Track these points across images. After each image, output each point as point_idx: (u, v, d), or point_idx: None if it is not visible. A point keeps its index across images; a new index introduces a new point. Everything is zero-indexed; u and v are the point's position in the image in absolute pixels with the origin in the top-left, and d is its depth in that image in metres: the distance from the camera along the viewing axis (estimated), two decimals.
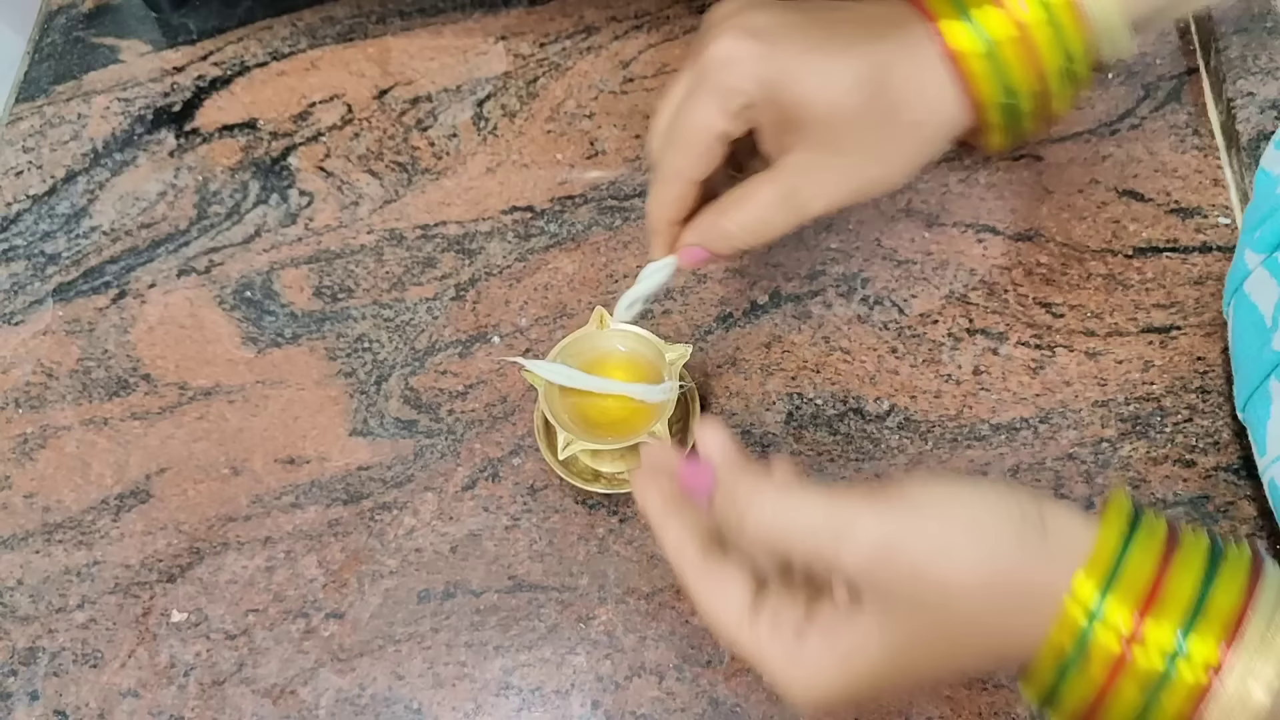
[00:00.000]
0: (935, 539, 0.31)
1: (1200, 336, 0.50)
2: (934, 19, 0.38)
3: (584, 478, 0.48)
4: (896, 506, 0.32)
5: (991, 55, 0.38)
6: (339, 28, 0.65)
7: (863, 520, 0.31)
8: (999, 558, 0.31)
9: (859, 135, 0.39)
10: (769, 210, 0.40)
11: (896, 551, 0.31)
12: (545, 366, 0.47)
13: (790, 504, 0.32)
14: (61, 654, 0.47)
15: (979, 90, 0.38)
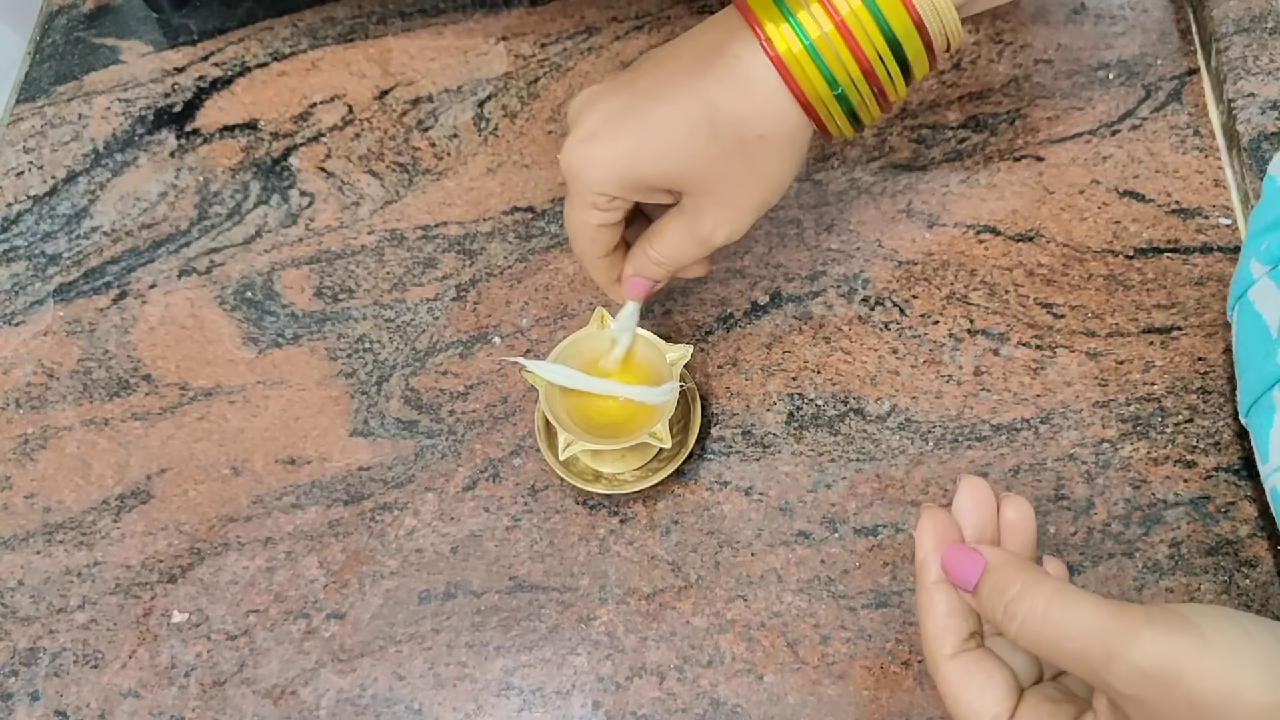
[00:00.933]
0: (1222, 673, 0.28)
1: (1201, 337, 0.50)
2: (759, 25, 0.39)
3: (585, 478, 0.48)
4: (1181, 630, 0.29)
5: (813, 51, 0.39)
6: (340, 28, 0.65)
7: (1142, 636, 0.29)
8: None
9: (719, 172, 0.41)
10: (680, 243, 0.44)
11: (1176, 677, 0.28)
12: (546, 367, 0.47)
13: (1066, 604, 0.30)
14: (62, 654, 0.47)
15: (807, 88, 0.39)
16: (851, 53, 0.39)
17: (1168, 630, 0.29)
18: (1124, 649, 0.29)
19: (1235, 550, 0.45)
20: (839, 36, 0.39)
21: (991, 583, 0.32)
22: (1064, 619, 0.30)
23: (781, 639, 0.45)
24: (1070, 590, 0.31)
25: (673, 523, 0.48)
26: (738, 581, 0.47)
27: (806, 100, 0.40)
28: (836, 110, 0.41)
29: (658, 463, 0.48)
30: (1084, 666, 0.30)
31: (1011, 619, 0.31)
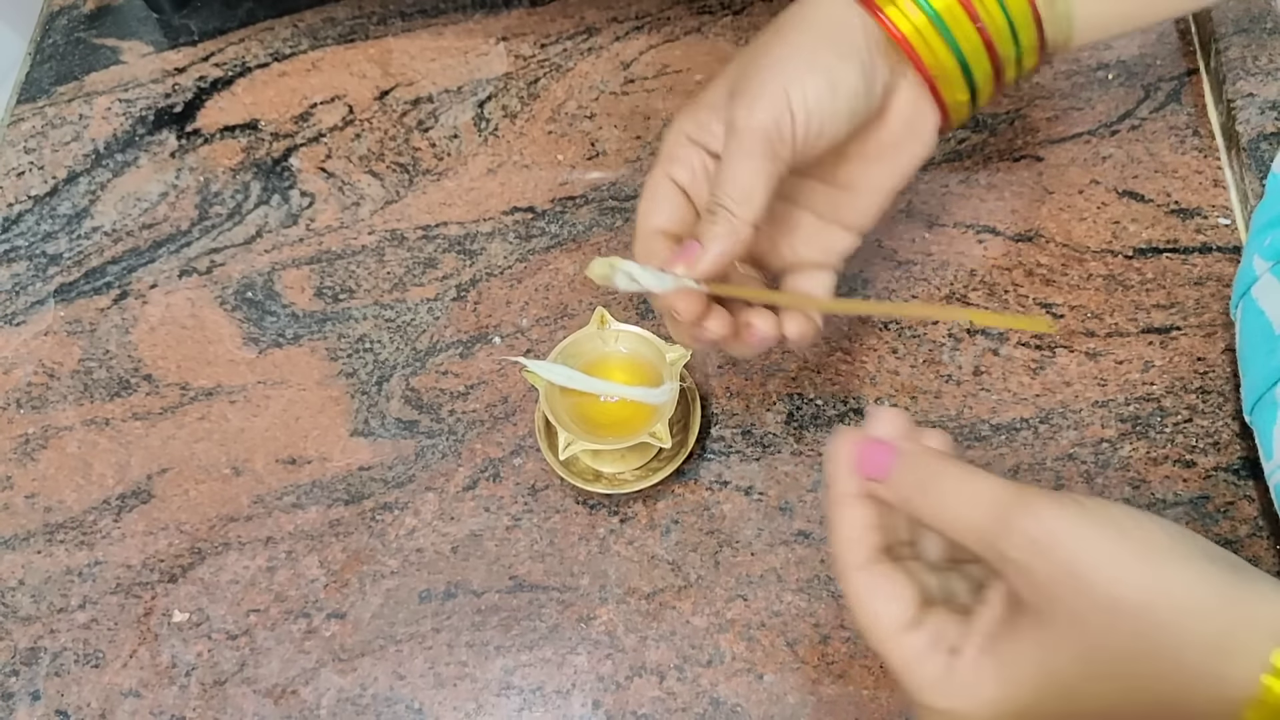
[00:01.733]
0: (1103, 546, 0.29)
1: (1200, 337, 0.50)
2: (878, 8, 0.40)
3: (585, 478, 0.48)
4: (1071, 505, 0.30)
5: (938, 20, 0.40)
6: (340, 29, 0.65)
7: (1034, 507, 0.30)
8: (1171, 585, 0.28)
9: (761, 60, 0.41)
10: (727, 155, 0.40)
11: (1059, 547, 0.29)
12: (546, 367, 0.47)
13: (971, 480, 0.32)
14: (63, 654, 0.47)
15: (930, 61, 0.40)
16: (972, 22, 0.40)
17: (1058, 504, 0.30)
18: (1018, 517, 0.30)
19: (1235, 550, 0.45)
20: (960, 7, 0.40)
21: (903, 467, 0.33)
22: (968, 493, 0.31)
23: (781, 638, 0.45)
24: (975, 470, 0.32)
25: (673, 522, 0.48)
26: (738, 581, 0.47)
27: (929, 74, 0.40)
28: (954, 70, 0.41)
29: (658, 462, 0.48)
30: (982, 538, 0.31)
31: (923, 495, 0.32)
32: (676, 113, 0.42)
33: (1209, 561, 0.29)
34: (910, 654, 0.32)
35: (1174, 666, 0.28)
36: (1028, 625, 0.30)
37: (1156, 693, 0.29)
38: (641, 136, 0.59)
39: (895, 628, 0.32)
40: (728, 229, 0.39)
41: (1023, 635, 0.30)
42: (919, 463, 0.33)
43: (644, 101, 0.61)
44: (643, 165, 0.58)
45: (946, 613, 0.33)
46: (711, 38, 0.62)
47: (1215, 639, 0.28)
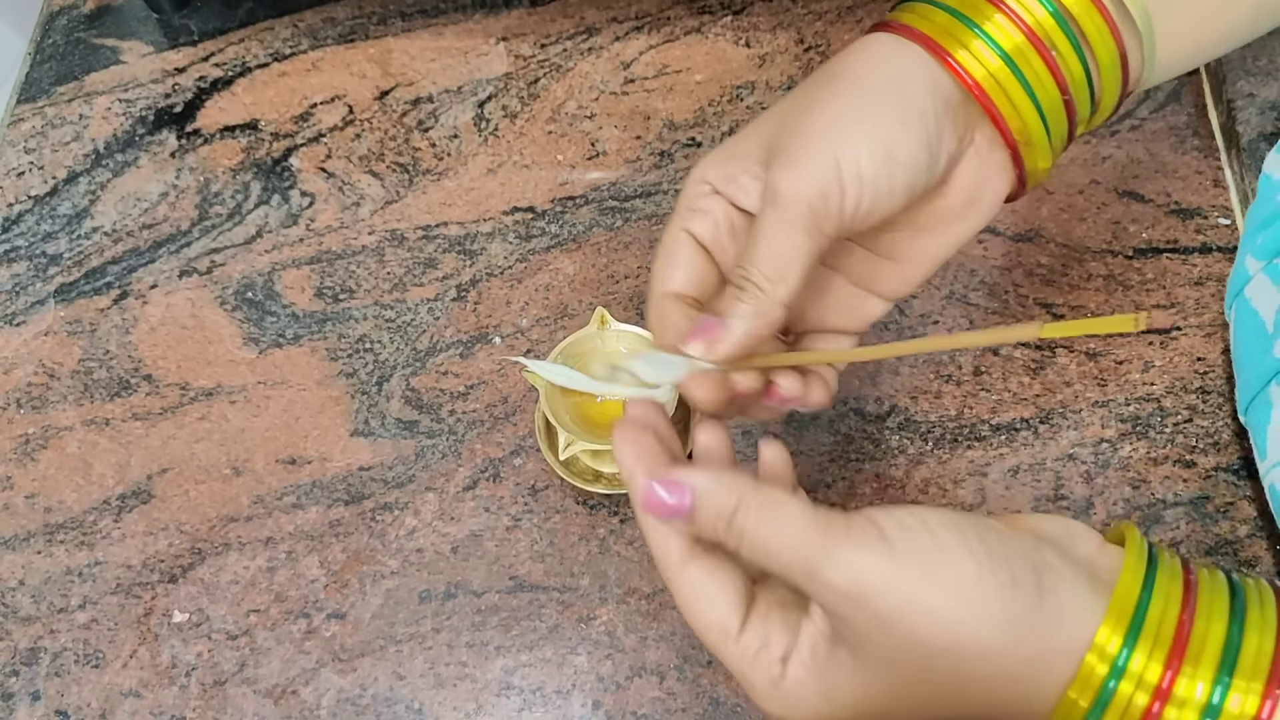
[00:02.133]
0: (908, 593, 0.29)
1: (1200, 337, 0.50)
2: (945, 51, 0.34)
3: (585, 478, 0.48)
4: (872, 546, 0.29)
5: (1012, 65, 0.34)
6: (340, 29, 0.65)
7: (834, 554, 0.29)
8: (976, 624, 0.29)
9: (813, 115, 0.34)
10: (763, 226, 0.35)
11: (866, 599, 0.29)
12: (546, 367, 0.47)
13: (776, 517, 0.30)
14: (63, 654, 0.47)
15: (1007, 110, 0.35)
16: (1048, 66, 0.34)
17: (859, 547, 0.29)
18: (819, 567, 0.29)
19: (1235, 550, 0.45)
20: (1032, 48, 0.34)
21: (705, 507, 0.31)
22: (773, 533, 0.30)
23: None
24: (780, 502, 0.30)
25: None
26: None
27: (1005, 125, 0.35)
28: (1039, 132, 0.35)
29: None
30: (797, 584, 0.30)
31: (732, 537, 0.31)
32: (698, 161, 0.37)
33: (1014, 588, 0.29)
34: (741, 659, 0.32)
35: (983, 697, 0.29)
36: (845, 656, 0.30)
37: (965, 713, 0.30)
38: (641, 136, 0.59)
39: (722, 632, 0.32)
40: (756, 308, 0.34)
41: (841, 663, 0.30)
42: (714, 505, 0.31)
43: (644, 101, 0.61)
44: (642, 165, 0.58)
45: (776, 613, 0.32)
46: (711, 38, 0.62)
47: (1020, 668, 0.29)
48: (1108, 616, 0.29)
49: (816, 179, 0.33)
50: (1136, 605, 0.29)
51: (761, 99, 0.60)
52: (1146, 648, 0.28)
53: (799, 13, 0.63)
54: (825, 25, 0.62)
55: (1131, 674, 0.28)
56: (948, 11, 0.35)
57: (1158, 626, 0.28)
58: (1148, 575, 0.29)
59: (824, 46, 0.61)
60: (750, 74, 0.61)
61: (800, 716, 0.31)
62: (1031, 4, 0.34)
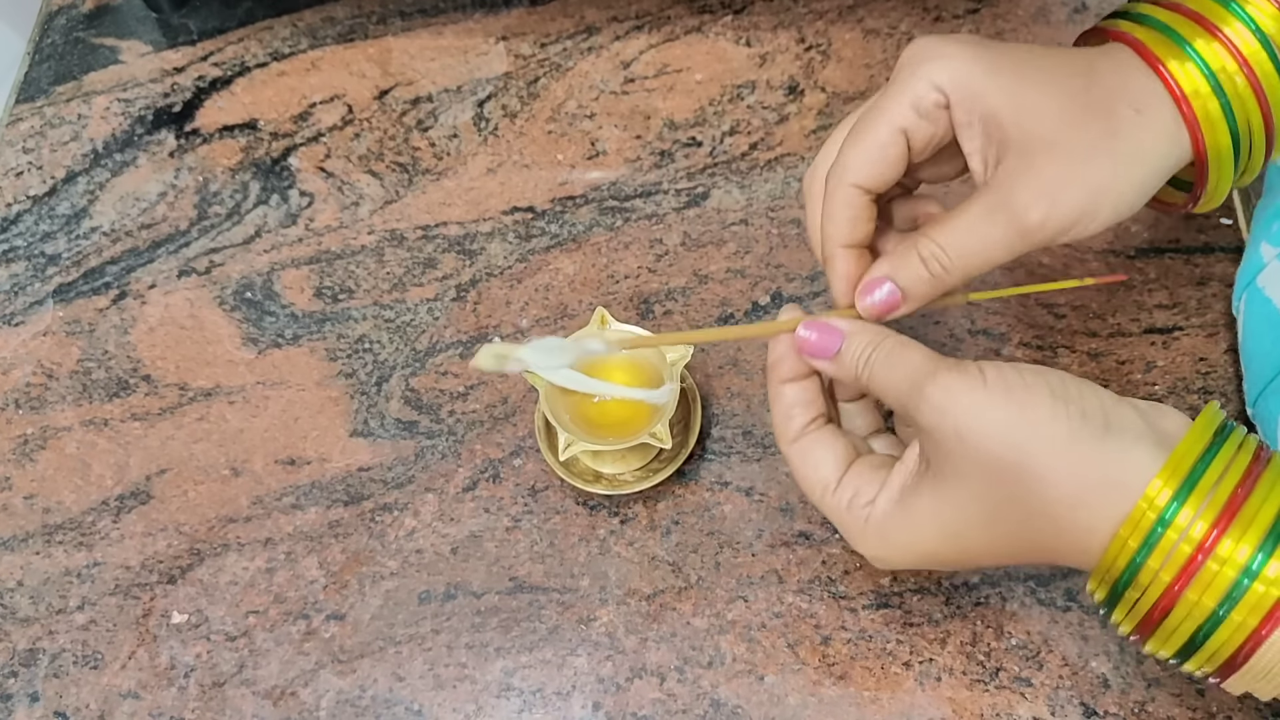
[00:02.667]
0: (987, 411, 0.33)
1: (1202, 337, 0.50)
2: (1158, 60, 0.36)
3: (585, 479, 0.48)
4: (970, 377, 0.34)
5: (1217, 91, 0.35)
6: (339, 28, 0.65)
7: (940, 376, 0.34)
8: (1041, 445, 0.32)
9: (1071, 123, 0.35)
10: (979, 224, 0.35)
11: (951, 413, 0.33)
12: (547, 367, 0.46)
13: (902, 351, 0.36)
14: (62, 655, 0.47)
15: (1209, 129, 0.36)
16: (1254, 92, 0.36)
17: (959, 374, 0.34)
18: (927, 385, 0.34)
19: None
20: (1242, 74, 0.35)
21: (849, 345, 0.37)
22: (896, 364, 0.35)
23: (782, 640, 0.45)
24: (908, 344, 0.36)
25: (673, 523, 0.48)
26: (738, 582, 0.46)
27: (1205, 143, 0.36)
28: (1227, 152, 0.36)
29: (658, 463, 0.48)
30: (902, 404, 0.35)
31: (866, 366, 0.36)
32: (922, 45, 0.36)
33: (1082, 421, 0.32)
34: (837, 511, 0.37)
35: (1043, 517, 0.33)
36: (928, 481, 0.35)
37: (1030, 539, 0.33)
38: (641, 136, 0.59)
39: (823, 488, 0.37)
40: (936, 288, 0.37)
41: (923, 490, 0.35)
42: (862, 338, 0.37)
43: (644, 101, 0.60)
44: (642, 165, 0.58)
45: (868, 469, 0.37)
46: (712, 37, 0.62)
47: (1076, 495, 0.32)
48: (1162, 470, 0.31)
49: (1061, 222, 0.35)
50: (1193, 466, 0.31)
51: (762, 98, 0.60)
52: (1195, 505, 0.31)
53: (800, 12, 0.63)
54: (826, 24, 0.62)
55: (1178, 525, 0.31)
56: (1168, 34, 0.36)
57: (1211, 488, 0.31)
58: (1213, 443, 0.32)
59: (825, 46, 0.61)
60: (751, 73, 0.61)
61: (889, 549, 0.36)
62: (1245, 34, 0.36)
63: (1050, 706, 0.43)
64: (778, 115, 0.59)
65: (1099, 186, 0.35)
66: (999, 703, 0.43)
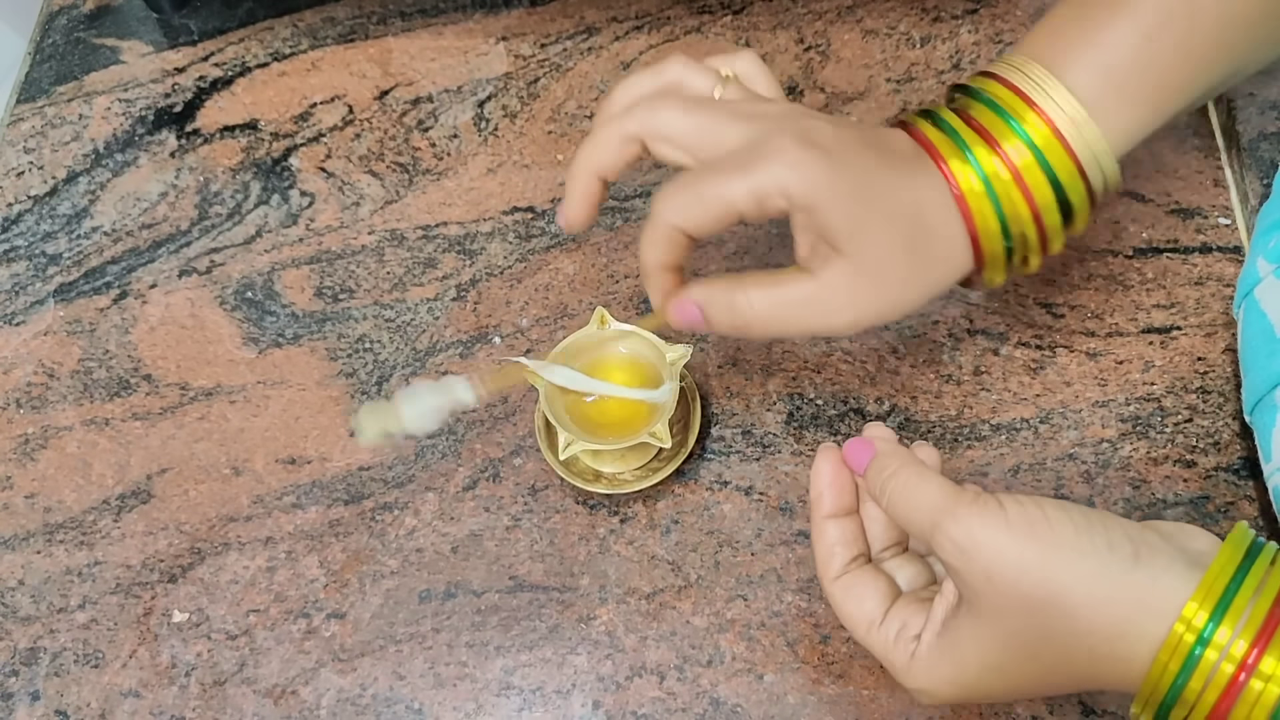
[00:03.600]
0: (1014, 549, 0.33)
1: (1201, 337, 0.50)
2: (943, 159, 0.40)
3: (585, 478, 0.48)
4: (990, 512, 0.34)
5: (990, 194, 0.40)
6: (340, 28, 0.65)
7: (959, 515, 0.34)
8: (1072, 580, 0.32)
9: (895, 264, 0.40)
10: (793, 304, 0.40)
11: (977, 554, 0.34)
12: (546, 367, 0.47)
13: (920, 482, 0.36)
14: (63, 654, 0.47)
15: (982, 227, 0.40)
16: (1024, 200, 0.40)
17: (978, 511, 0.34)
18: (944, 523, 0.34)
19: None
20: (1013, 186, 0.40)
21: (876, 464, 0.38)
22: (915, 494, 0.36)
23: (781, 639, 0.45)
24: (929, 473, 0.36)
25: (673, 522, 0.48)
26: (738, 581, 0.47)
27: (980, 237, 0.40)
28: (999, 255, 0.41)
29: (658, 462, 0.48)
30: (922, 539, 0.36)
31: (883, 493, 0.37)
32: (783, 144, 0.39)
33: (1109, 552, 0.33)
34: (884, 645, 0.37)
35: (1082, 650, 0.33)
36: (966, 615, 0.35)
37: (1070, 672, 0.34)
38: None
39: (867, 624, 0.38)
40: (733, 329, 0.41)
41: (963, 624, 0.35)
42: (885, 463, 0.38)
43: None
44: (642, 165, 0.58)
45: (914, 603, 0.38)
46: (712, 38, 0.62)
47: (1111, 626, 0.32)
48: (1196, 591, 0.32)
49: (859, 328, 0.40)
50: (1228, 585, 0.32)
51: None
52: (1233, 624, 0.31)
53: (799, 12, 0.63)
54: (825, 25, 0.62)
55: (1217, 644, 0.31)
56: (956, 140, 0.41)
57: (1247, 607, 0.31)
58: (1244, 561, 0.32)
59: (824, 46, 0.61)
60: None
61: (936, 684, 0.36)
62: (1019, 147, 0.40)
63: (1049, 706, 0.43)
64: None
65: (903, 308, 0.41)
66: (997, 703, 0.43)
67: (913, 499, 0.36)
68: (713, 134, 0.40)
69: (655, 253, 0.41)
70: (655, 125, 0.41)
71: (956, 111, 0.42)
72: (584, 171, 0.42)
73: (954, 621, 0.35)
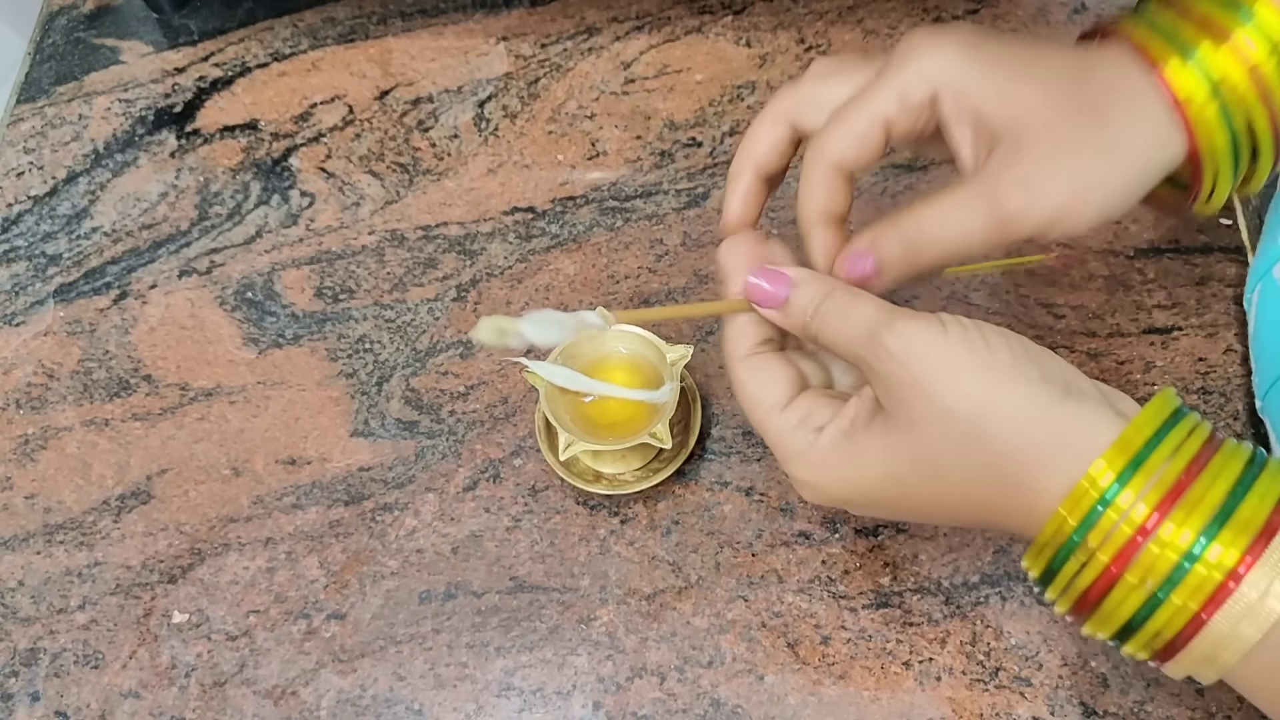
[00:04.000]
0: (947, 362, 0.32)
1: (1202, 337, 0.50)
2: (1157, 63, 0.35)
3: (585, 478, 0.48)
4: (929, 326, 0.33)
5: (1219, 97, 0.35)
6: (340, 28, 0.65)
7: (897, 325, 0.33)
8: (1000, 403, 0.32)
9: (1068, 121, 0.35)
10: (960, 209, 0.35)
11: (910, 361, 0.33)
12: (547, 368, 0.47)
13: (854, 301, 0.35)
14: (63, 655, 0.47)
15: (1205, 134, 0.35)
16: (1260, 99, 0.35)
17: (917, 322, 0.33)
18: (881, 333, 0.33)
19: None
20: (1248, 80, 0.35)
21: (797, 294, 0.36)
22: (849, 312, 0.35)
23: (782, 639, 0.45)
24: (860, 293, 0.35)
25: (673, 523, 0.48)
26: (738, 582, 0.47)
27: (1203, 146, 0.36)
28: (1224, 166, 0.36)
29: (659, 463, 0.48)
30: (856, 354, 0.34)
31: (815, 316, 0.36)
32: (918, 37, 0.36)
33: (1042, 383, 0.32)
34: (780, 430, 0.36)
35: (992, 475, 0.32)
36: (879, 424, 0.34)
37: (974, 495, 0.33)
38: (642, 136, 0.59)
39: (768, 407, 0.36)
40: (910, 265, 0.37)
41: (874, 431, 0.34)
42: (812, 288, 0.36)
43: (644, 101, 0.61)
44: (642, 165, 0.58)
45: (822, 397, 0.37)
46: (712, 38, 0.62)
47: (1028, 453, 0.31)
48: (1109, 450, 0.31)
49: (1043, 213, 0.35)
50: (1141, 448, 0.31)
51: (762, 99, 0.60)
52: (1139, 486, 0.30)
53: (800, 12, 0.63)
54: (826, 25, 0.62)
55: (1118, 506, 0.30)
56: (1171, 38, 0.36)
57: (1157, 471, 0.30)
58: (1163, 427, 0.31)
59: (824, 46, 0.61)
60: (751, 74, 0.61)
61: (826, 480, 0.35)
62: (1252, 42, 0.35)
63: (1050, 706, 0.43)
64: None
65: (1085, 182, 0.35)
66: (999, 702, 0.43)
67: (848, 317, 0.35)
68: (855, 74, 0.38)
69: (815, 202, 0.38)
70: (797, 95, 0.39)
71: (1165, 4, 0.36)
72: (739, 169, 0.40)
73: (866, 424, 0.34)
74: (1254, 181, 0.38)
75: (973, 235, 0.36)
